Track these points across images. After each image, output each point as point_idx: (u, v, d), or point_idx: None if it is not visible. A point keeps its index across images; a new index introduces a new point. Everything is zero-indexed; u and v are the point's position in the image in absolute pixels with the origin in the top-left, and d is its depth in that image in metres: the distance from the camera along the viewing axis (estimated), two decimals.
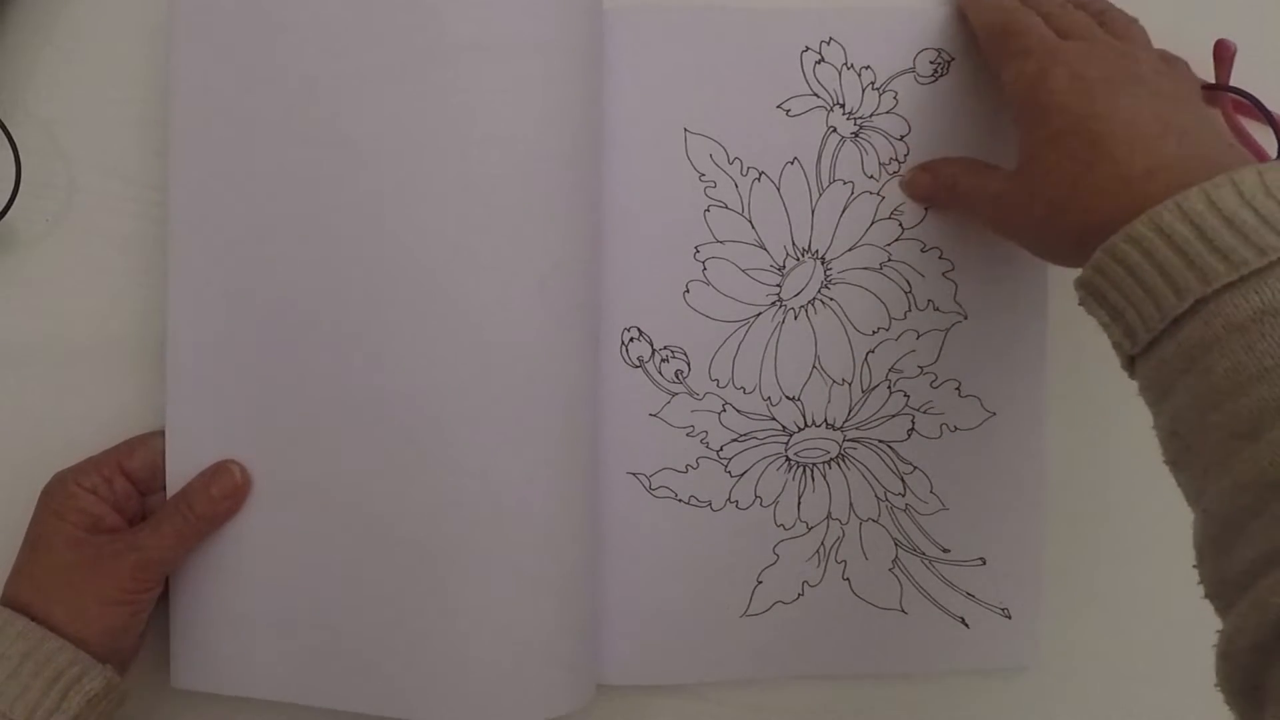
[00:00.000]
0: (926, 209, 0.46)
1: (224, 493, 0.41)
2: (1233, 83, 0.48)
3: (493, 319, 0.41)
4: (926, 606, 0.46)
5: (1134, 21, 0.42)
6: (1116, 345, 0.34)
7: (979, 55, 0.44)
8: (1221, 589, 0.30)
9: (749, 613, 0.46)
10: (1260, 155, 0.49)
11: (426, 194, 0.41)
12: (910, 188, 0.45)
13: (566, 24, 0.42)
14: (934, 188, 0.45)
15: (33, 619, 0.37)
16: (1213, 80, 0.49)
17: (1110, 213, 0.33)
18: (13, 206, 0.43)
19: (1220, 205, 0.30)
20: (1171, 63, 0.40)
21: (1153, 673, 0.47)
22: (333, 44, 0.41)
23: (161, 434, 0.42)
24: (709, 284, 0.45)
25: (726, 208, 0.45)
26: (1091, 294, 0.34)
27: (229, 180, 0.42)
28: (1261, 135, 0.49)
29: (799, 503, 0.46)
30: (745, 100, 0.45)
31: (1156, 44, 0.49)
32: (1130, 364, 0.34)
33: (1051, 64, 0.37)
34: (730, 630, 0.46)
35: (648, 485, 0.45)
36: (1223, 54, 0.48)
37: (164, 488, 0.42)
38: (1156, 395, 0.33)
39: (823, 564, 0.46)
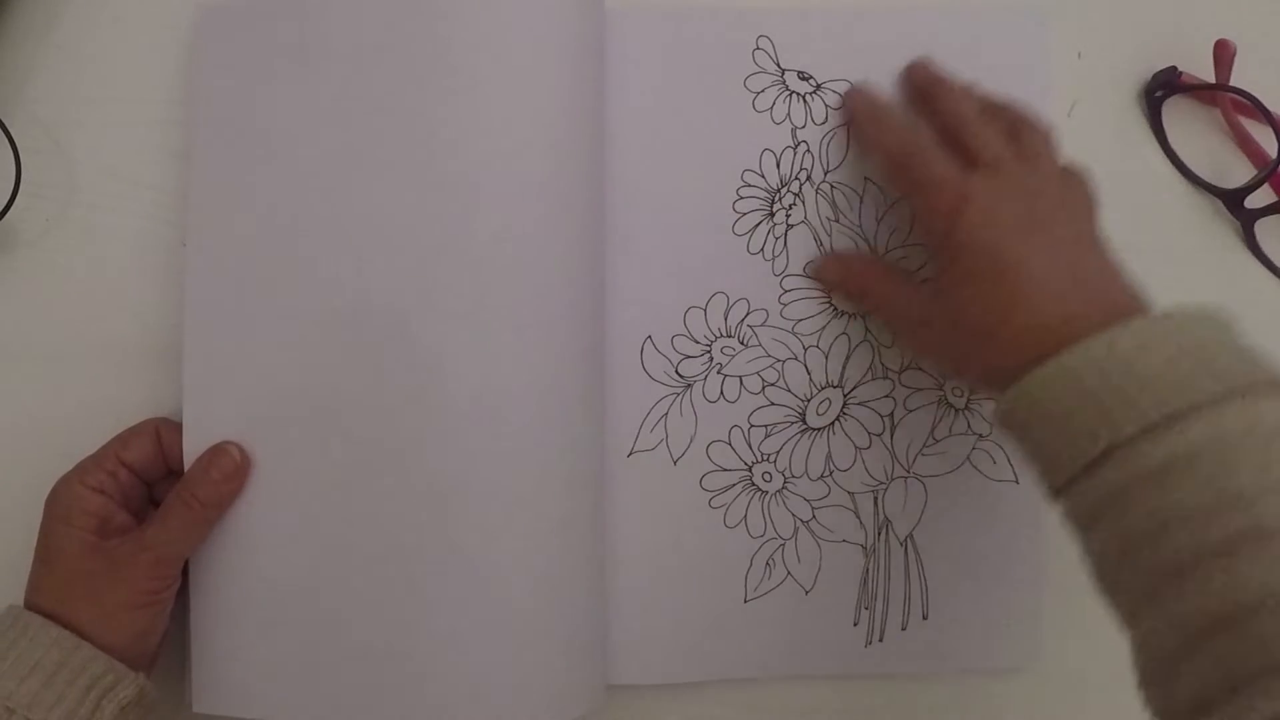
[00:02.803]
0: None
1: (225, 475, 0.41)
2: (1233, 83, 0.48)
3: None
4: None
5: (1044, 134, 0.41)
6: (1037, 478, 0.36)
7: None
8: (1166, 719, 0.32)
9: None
10: (1260, 156, 0.49)
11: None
12: (818, 272, 0.45)
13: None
14: (842, 282, 0.45)
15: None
16: (1212, 80, 0.49)
17: (1027, 356, 0.35)
18: (13, 206, 0.43)
19: (1121, 354, 0.32)
20: (1072, 187, 0.40)
21: None
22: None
23: (153, 421, 0.42)
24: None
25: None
26: (1009, 429, 0.36)
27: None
28: (1261, 135, 0.49)
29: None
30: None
31: (1157, 46, 0.50)
32: (1054, 494, 0.35)
33: (963, 202, 0.38)
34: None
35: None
36: (1223, 54, 0.48)
37: (165, 475, 0.42)
38: (1080, 527, 0.34)
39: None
